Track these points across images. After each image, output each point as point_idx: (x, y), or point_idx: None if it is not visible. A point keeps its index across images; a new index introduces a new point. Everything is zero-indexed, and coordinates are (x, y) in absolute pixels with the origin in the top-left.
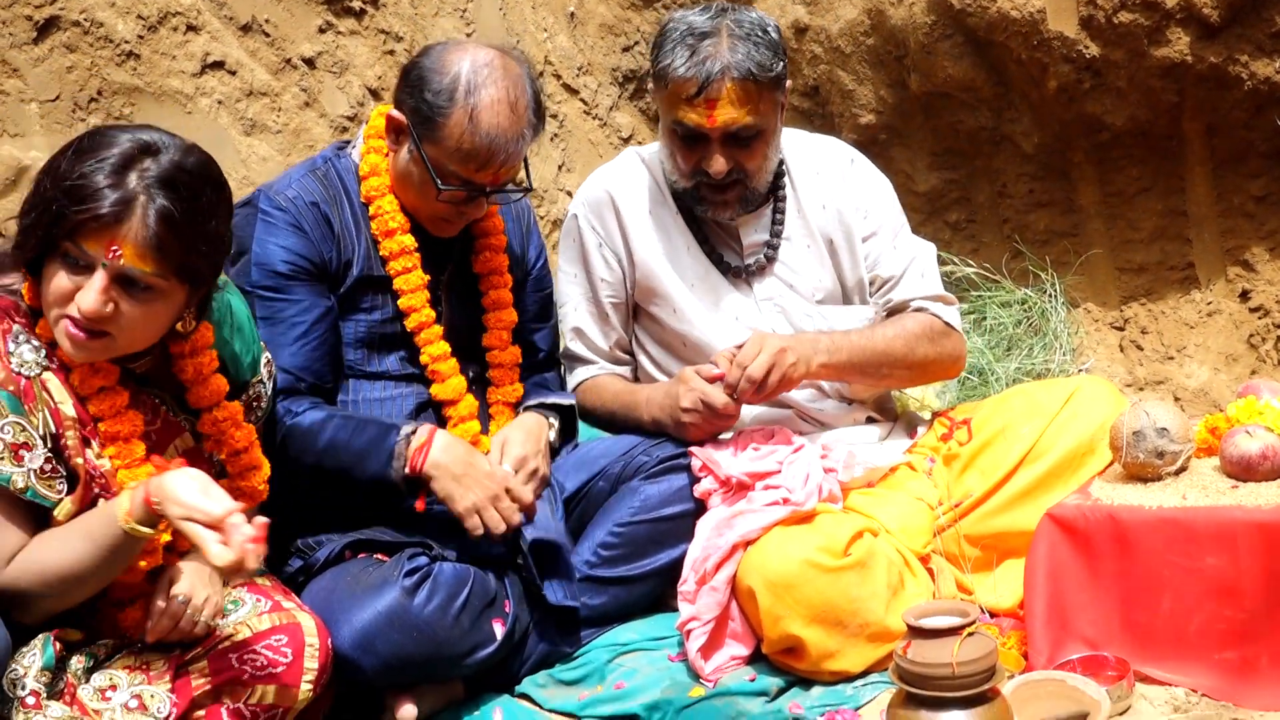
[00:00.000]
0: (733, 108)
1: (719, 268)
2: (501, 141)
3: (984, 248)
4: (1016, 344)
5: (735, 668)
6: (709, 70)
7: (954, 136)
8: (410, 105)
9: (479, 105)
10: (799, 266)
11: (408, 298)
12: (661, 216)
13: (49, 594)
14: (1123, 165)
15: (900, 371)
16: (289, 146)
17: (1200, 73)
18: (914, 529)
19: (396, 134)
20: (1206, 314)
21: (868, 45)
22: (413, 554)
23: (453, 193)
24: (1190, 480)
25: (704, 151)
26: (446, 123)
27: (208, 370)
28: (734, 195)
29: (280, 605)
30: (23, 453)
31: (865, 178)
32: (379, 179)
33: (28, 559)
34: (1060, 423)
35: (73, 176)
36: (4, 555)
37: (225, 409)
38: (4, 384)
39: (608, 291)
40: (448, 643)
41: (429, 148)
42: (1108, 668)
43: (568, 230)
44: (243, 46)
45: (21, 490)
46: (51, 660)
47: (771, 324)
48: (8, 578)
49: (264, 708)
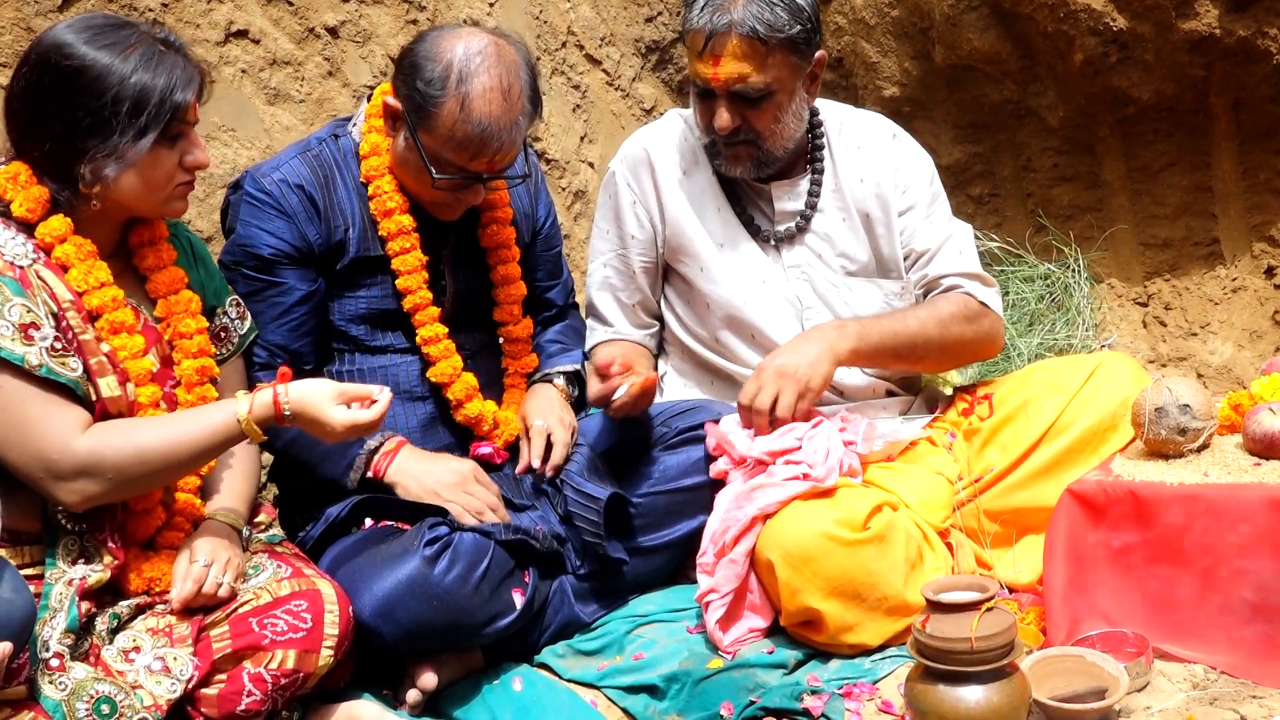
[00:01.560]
0: (736, 63)
1: (749, 230)
2: (495, 130)
3: (1007, 222)
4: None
5: (754, 640)
6: (716, 24)
7: (978, 110)
8: (405, 93)
9: (471, 94)
10: (832, 238)
11: (405, 278)
12: (697, 176)
13: (137, 472)
14: (1148, 140)
15: (934, 354)
16: (312, 115)
17: (1228, 46)
18: (933, 503)
19: (394, 120)
20: (1231, 290)
21: (892, 17)
22: (433, 523)
23: (448, 181)
24: (1212, 457)
25: (712, 105)
26: (439, 112)
27: (167, 259)
28: (744, 153)
29: (301, 572)
30: (32, 332)
31: (907, 153)
32: (379, 159)
33: (123, 434)
34: (1082, 398)
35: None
36: (74, 424)
37: (182, 296)
38: (1, 271)
39: (638, 250)
40: (467, 611)
41: (423, 136)
42: (1127, 644)
43: (605, 185)
44: (266, 15)
45: (36, 367)
46: (75, 622)
47: (796, 291)
48: (86, 448)
49: (285, 672)
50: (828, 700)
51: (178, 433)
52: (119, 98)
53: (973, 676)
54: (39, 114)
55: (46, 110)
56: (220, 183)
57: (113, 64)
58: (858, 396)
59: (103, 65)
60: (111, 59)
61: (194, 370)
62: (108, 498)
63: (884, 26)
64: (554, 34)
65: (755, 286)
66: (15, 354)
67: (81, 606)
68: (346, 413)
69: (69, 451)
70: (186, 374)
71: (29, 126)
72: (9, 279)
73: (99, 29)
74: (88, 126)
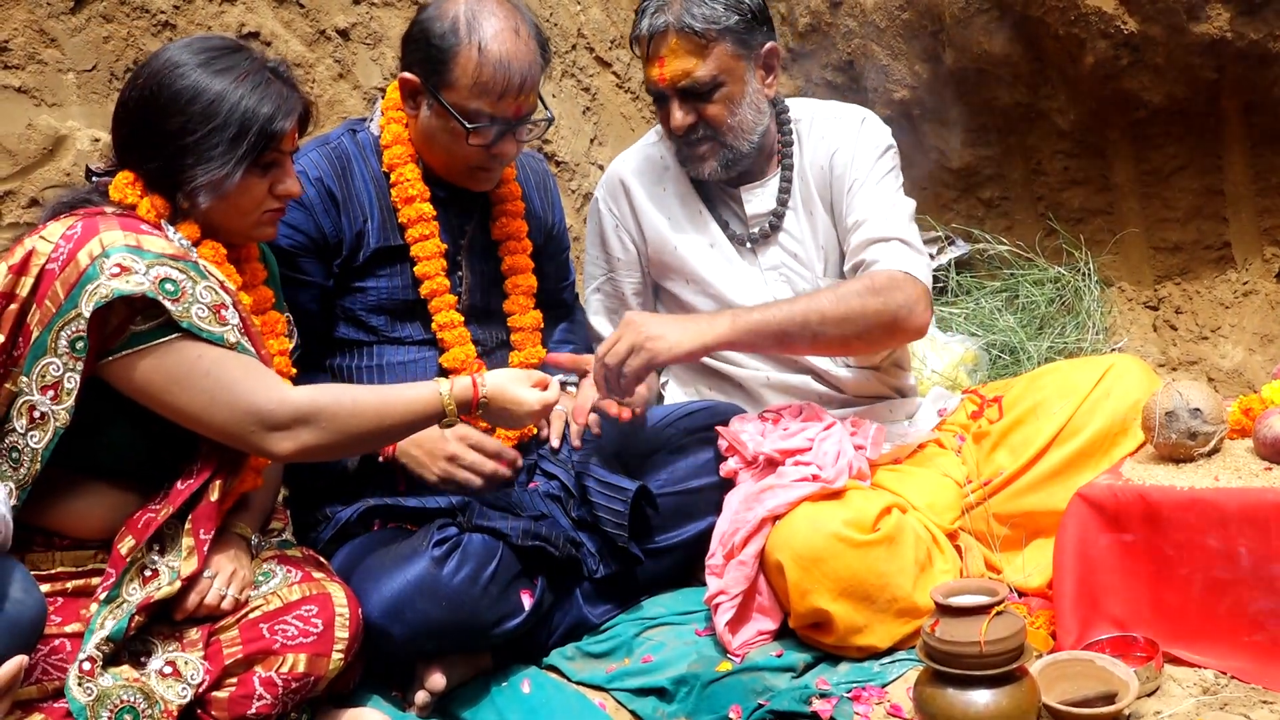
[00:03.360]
0: (677, 60)
1: (727, 235)
2: (516, 66)
3: (1018, 225)
4: (1049, 323)
5: (762, 642)
6: (654, 25)
7: (989, 113)
8: (418, 59)
9: (484, 37)
10: (803, 236)
11: (423, 265)
12: (672, 189)
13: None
14: (1159, 143)
15: (831, 330)
16: (323, 118)
17: (1240, 49)
18: (942, 506)
19: (413, 96)
20: (1242, 294)
21: (903, 19)
22: (442, 524)
23: (481, 131)
24: (1223, 462)
25: (667, 108)
26: (456, 60)
27: (259, 277)
28: (708, 150)
29: (311, 576)
30: (224, 312)
31: (868, 133)
32: (401, 147)
33: (338, 390)
34: (1092, 402)
35: (253, 106)
36: (278, 380)
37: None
38: (180, 256)
39: (625, 271)
40: (476, 613)
41: (447, 94)
42: (1136, 649)
43: (590, 211)
44: (277, 17)
45: (232, 345)
46: (121, 632)
47: (776, 293)
48: (304, 396)
49: (296, 676)
50: (836, 703)
51: (390, 398)
52: (226, 124)
53: (982, 680)
54: (149, 130)
55: (157, 128)
56: None
57: (225, 90)
58: (854, 389)
59: (215, 91)
60: (224, 85)
61: None
62: (323, 452)
63: (894, 29)
64: (564, 36)
65: (739, 290)
66: (215, 334)
67: (135, 619)
68: (538, 394)
69: (285, 400)
70: None
71: (136, 140)
72: (189, 262)
73: (214, 53)
74: (193, 149)
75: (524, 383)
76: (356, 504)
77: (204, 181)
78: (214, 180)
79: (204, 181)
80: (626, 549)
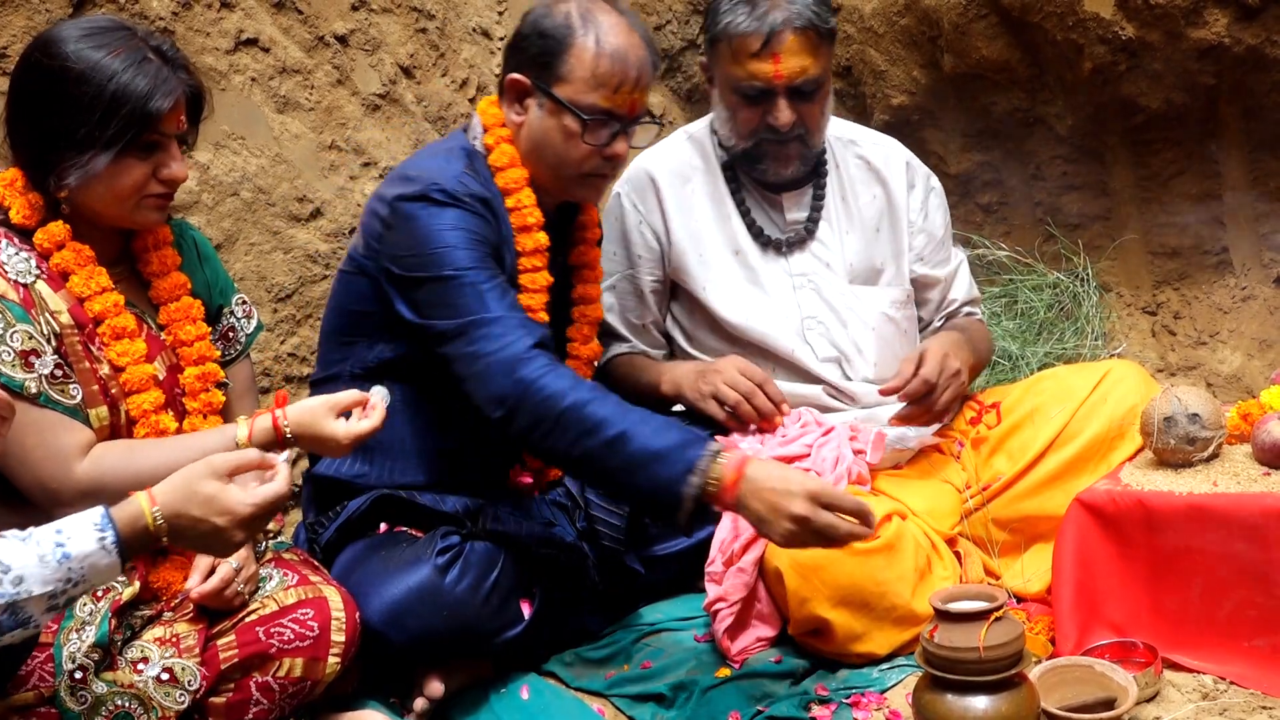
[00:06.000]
0: (796, 58)
1: (759, 240)
2: (633, 58)
3: (1016, 230)
4: (1047, 328)
5: (761, 649)
6: (772, 22)
7: (987, 118)
8: (530, 55)
9: (601, 28)
10: (835, 246)
11: (527, 296)
12: (705, 190)
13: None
14: (1157, 148)
15: (979, 374)
16: (321, 124)
17: (1238, 55)
18: (941, 512)
19: (520, 98)
20: (1240, 299)
21: (901, 25)
22: (445, 532)
23: (597, 126)
24: (1221, 467)
25: (767, 106)
26: (572, 52)
27: (170, 264)
28: (795, 151)
29: (307, 579)
30: (32, 359)
31: (923, 177)
32: (517, 171)
33: (123, 460)
34: (1090, 406)
35: (125, 83)
36: (72, 451)
37: (184, 303)
38: (4, 294)
39: (646, 270)
40: (476, 622)
41: (561, 88)
42: (1136, 654)
43: (610, 210)
44: (276, 24)
45: (35, 396)
46: (105, 637)
47: (801, 300)
48: (90, 475)
49: (292, 680)
50: (835, 709)
51: (179, 452)
52: (94, 102)
53: (981, 686)
54: (23, 115)
55: (29, 111)
56: (229, 190)
57: (95, 67)
58: (866, 404)
59: (85, 68)
60: (95, 62)
61: (195, 377)
62: None
63: (892, 35)
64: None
65: (761, 295)
66: (15, 380)
67: (113, 622)
68: (346, 424)
69: (68, 480)
70: (189, 381)
71: (13, 126)
72: (12, 302)
73: (92, 30)
74: (62, 130)
75: (330, 414)
76: (368, 493)
77: (72, 163)
78: (82, 161)
79: (72, 163)
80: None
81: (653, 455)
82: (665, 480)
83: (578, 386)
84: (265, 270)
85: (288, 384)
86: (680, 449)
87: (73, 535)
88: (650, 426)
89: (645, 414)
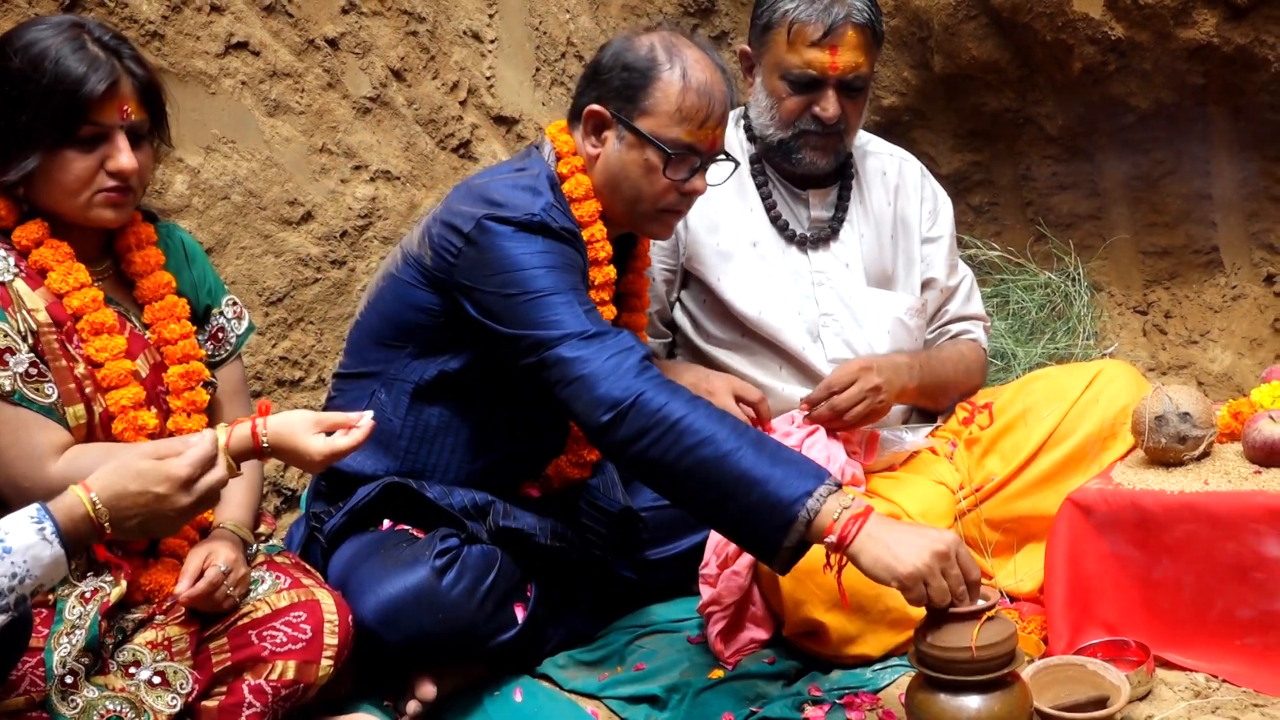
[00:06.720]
0: (853, 53)
1: (783, 234)
2: (717, 93)
3: (1007, 231)
4: (1039, 328)
5: (754, 650)
6: (835, 15)
7: (977, 118)
8: (612, 87)
9: (686, 63)
10: (855, 247)
11: None
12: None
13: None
14: (1147, 148)
15: (952, 397)
16: (312, 127)
17: (1227, 55)
18: (935, 513)
19: (598, 129)
20: (1231, 298)
21: (891, 26)
22: (445, 534)
23: (679, 161)
24: (1213, 465)
25: (816, 97)
26: (659, 82)
27: (154, 262)
28: (832, 144)
29: (299, 582)
30: (6, 357)
31: (935, 190)
32: (592, 203)
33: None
34: (1082, 406)
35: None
36: (46, 451)
37: (168, 301)
38: None
39: (659, 257)
40: (471, 625)
41: (643, 121)
42: (1128, 653)
43: None
44: (266, 27)
45: (9, 394)
46: (95, 640)
47: (818, 297)
48: (64, 475)
49: (285, 683)
50: (829, 710)
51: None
52: (27, 94)
53: (974, 686)
54: None
55: None
56: (220, 194)
57: (31, 60)
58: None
59: (20, 62)
60: (32, 56)
61: (179, 376)
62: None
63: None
64: (554, 45)
65: (777, 290)
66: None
67: (102, 625)
68: (324, 440)
69: (42, 479)
70: (172, 380)
71: None
72: None
73: (37, 26)
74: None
75: (310, 430)
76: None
77: (10, 159)
78: (19, 156)
79: (10, 159)
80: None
81: (766, 477)
82: (777, 501)
83: (695, 400)
84: (256, 274)
85: (279, 388)
86: (800, 475)
87: (11, 530)
88: (769, 448)
89: (763, 435)
